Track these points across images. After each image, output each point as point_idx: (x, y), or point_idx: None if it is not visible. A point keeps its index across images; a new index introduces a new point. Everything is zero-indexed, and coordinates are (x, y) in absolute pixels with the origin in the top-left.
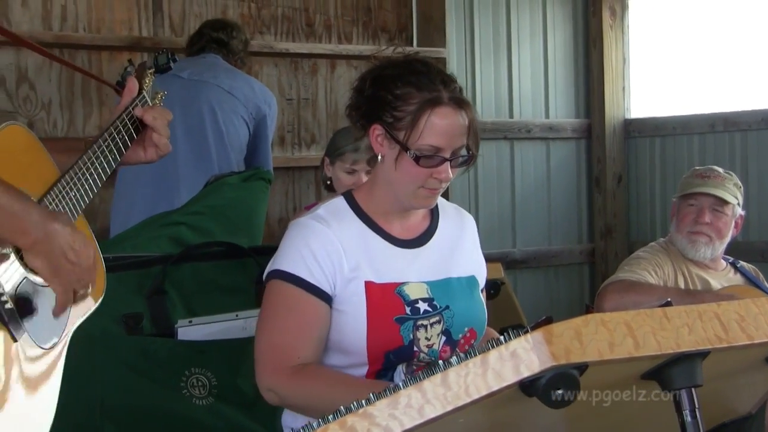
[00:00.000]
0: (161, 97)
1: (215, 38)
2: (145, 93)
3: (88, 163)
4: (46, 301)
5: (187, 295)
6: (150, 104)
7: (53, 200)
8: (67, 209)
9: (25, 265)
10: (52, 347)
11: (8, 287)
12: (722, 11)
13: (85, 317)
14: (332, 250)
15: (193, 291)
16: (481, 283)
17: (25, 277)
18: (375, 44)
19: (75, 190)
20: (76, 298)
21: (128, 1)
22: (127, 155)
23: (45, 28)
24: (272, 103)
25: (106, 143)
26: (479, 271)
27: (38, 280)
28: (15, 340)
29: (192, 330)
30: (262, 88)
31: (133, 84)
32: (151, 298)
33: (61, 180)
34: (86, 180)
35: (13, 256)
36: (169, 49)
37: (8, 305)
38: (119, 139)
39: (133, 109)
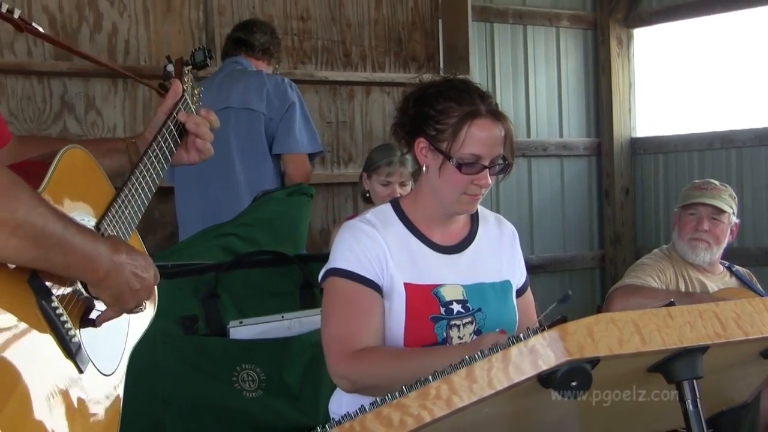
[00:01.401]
0: (198, 94)
1: (234, 38)
2: (186, 95)
3: (140, 177)
4: (106, 330)
5: (238, 299)
6: (192, 107)
7: (111, 220)
8: (123, 228)
9: (89, 295)
10: (113, 373)
11: (75, 320)
12: (718, 40)
13: (138, 339)
14: (379, 250)
15: (243, 295)
16: (518, 285)
17: (90, 308)
18: (406, 72)
19: (129, 207)
20: (130, 313)
21: (184, 35)
22: (176, 158)
23: (111, 60)
24: (291, 90)
25: (154, 153)
26: (516, 276)
27: (101, 307)
28: (81, 372)
29: (242, 330)
30: (277, 82)
31: (177, 86)
32: (205, 301)
33: (117, 199)
34: (138, 195)
35: (80, 287)
36: (204, 47)
37: (75, 339)
38: (165, 147)
39: (176, 114)
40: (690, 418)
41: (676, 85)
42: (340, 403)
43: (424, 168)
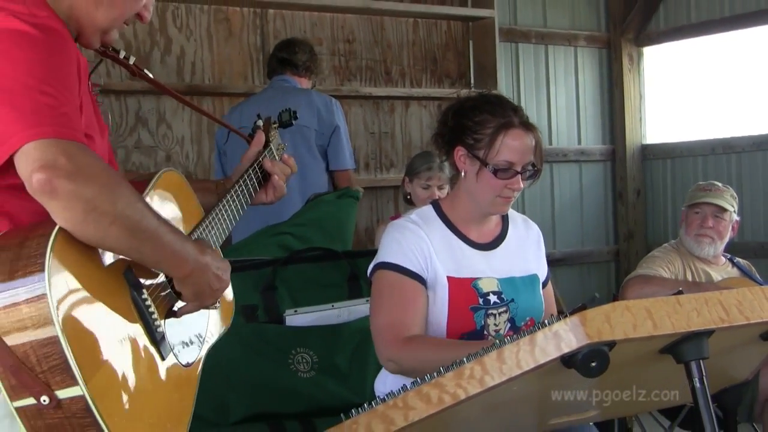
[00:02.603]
0: (283, 148)
1: (279, 58)
2: (271, 145)
3: (227, 206)
4: (187, 326)
5: (293, 290)
6: (276, 157)
7: (200, 234)
8: (209, 241)
9: (174, 290)
10: (190, 365)
11: (161, 312)
12: (718, 56)
13: (216, 339)
14: (424, 245)
15: (297, 287)
16: (542, 278)
17: (174, 303)
18: (440, 88)
19: (216, 228)
20: (209, 308)
21: (243, 57)
22: (256, 197)
23: (179, 80)
24: (333, 105)
25: (240, 189)
26: (541, 269)
27: (181, 304)
28: (163, 359)
29: (297, 318)
30: (325, 100)
31: (261, 137)
32: (264, 292)
33: (206, 219)
34: (224, 220)
35: (166, 283)
36: (290, 109)
37: (160, 329)
38: (250, 185)
39: (262, 159)
40: (697, 394)
41: (682, 97)
42: (385, 382)
43: (462, 173)
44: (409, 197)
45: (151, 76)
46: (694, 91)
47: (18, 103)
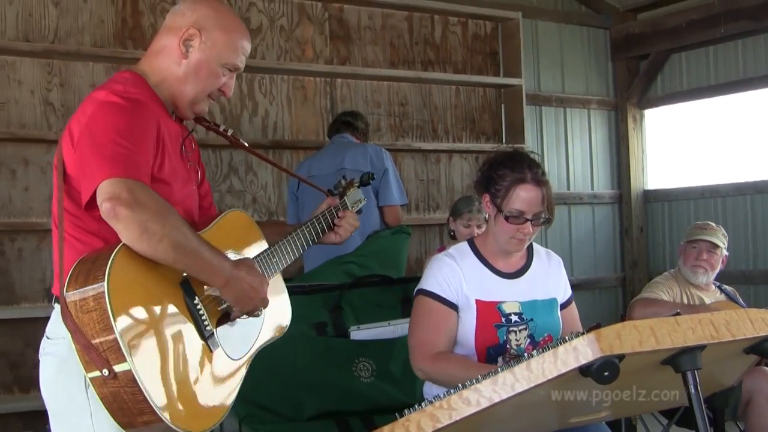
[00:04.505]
0: (360, 202)
1: (344, 121)
2: (345, 199)
3: (291, 241)
4: (238, 328)
5: (356, 310)
6: (349, 207)
7: (259, 260)
8: (269, 267)
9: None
10: (239, 359)
11: (214, 315)
12: (707, 116)
13: (265, 343)
14: (457, 277)
15: (360, 307)
16: (562, 300)
17: (227, 309)
18: (477, 143)
19: (277, 257)
20: (250, 315)
21: (315, 118)
22: (324, 237)
23: (263, 136)
24: (382, 153)
25: (307, 229)
26: (560, 294)
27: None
28: (211, 351)
29: (360, 333)
30: (376, 150)
31: (333, 201)
32: (332, 311)
33: (268, 250)
34: (286, 251)
35: (218, 292)
36: (371, 173)
37: (209, 328)
38: (318, 226)
39: (335, 210)
40: (692, 398)
41: (677, 150)
42: (432, 387)
43: (488, 216)
44: (452, 234)
45: (246, 144)
46: (687, 145)
47: (103, 153)
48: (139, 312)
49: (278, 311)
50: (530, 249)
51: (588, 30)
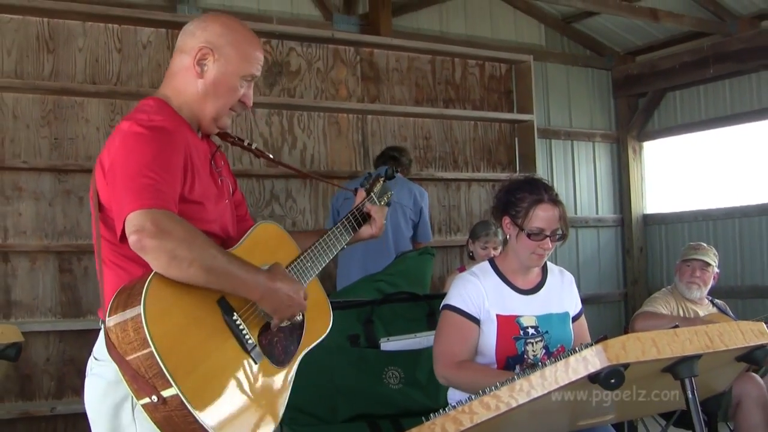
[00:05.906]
0: (389, 195)
1: (390, 155)
2: (373, 194)
3: (324, 244)
4: (281, 337)
5: (386, 323)
6: (377, 202)
7: (293, 267)
8: (303, 273)
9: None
10: (285, 366)
11: (255, 327)
12: (700, 148)
13: (309, 348)
14: (479, 294)
15: (389, 320)
16: (574, 313)
17: (266, 319)
18: (494, 172)
19: (311, 261)
20: (290, 320)
21: (348, 150)
22: (361, 232)
23: (301, 166)
24: (424, 195)
25: (338, 230)
26: (572, 308)
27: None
28: (255, 363)
29: (389, 344)
30: (420, 190)
31: (361, 194)
32: (365, 324)
33: (301, 256)
34: (320, 255)
35: (257, 306)
36: (394, 168)
37: (250, 341)
38: (349, 225)
39: (363, 206)
40: (689, 402)
41: (673, 178)
42: (455, 393)
43: (508, 236)
44: (471, 255)
45: (271, 156)
46: (682, 173)
47: (129, 186)
48: (180, 335)
49: (317, 314)
50: (545, 267)
51: (592, 71)
